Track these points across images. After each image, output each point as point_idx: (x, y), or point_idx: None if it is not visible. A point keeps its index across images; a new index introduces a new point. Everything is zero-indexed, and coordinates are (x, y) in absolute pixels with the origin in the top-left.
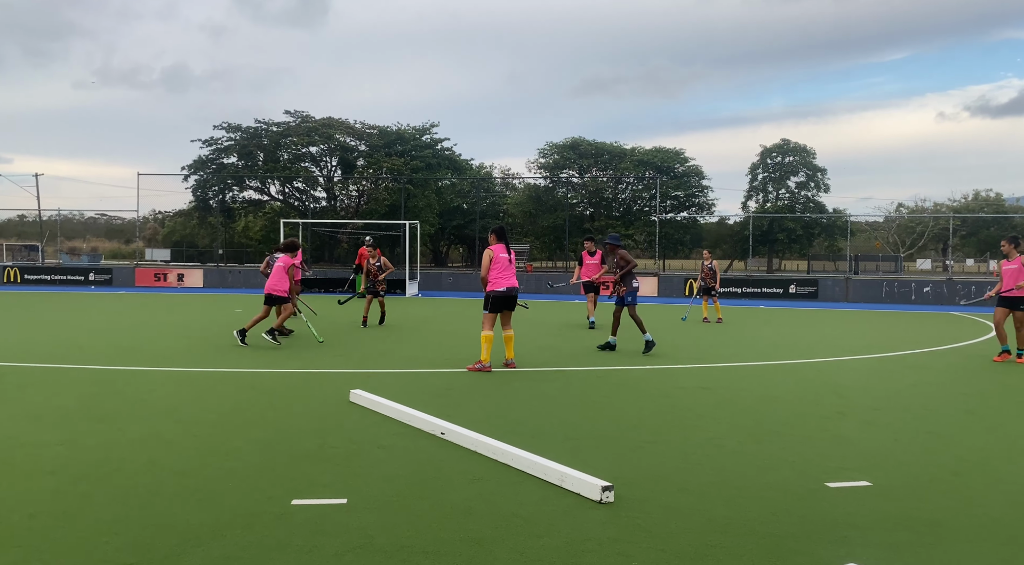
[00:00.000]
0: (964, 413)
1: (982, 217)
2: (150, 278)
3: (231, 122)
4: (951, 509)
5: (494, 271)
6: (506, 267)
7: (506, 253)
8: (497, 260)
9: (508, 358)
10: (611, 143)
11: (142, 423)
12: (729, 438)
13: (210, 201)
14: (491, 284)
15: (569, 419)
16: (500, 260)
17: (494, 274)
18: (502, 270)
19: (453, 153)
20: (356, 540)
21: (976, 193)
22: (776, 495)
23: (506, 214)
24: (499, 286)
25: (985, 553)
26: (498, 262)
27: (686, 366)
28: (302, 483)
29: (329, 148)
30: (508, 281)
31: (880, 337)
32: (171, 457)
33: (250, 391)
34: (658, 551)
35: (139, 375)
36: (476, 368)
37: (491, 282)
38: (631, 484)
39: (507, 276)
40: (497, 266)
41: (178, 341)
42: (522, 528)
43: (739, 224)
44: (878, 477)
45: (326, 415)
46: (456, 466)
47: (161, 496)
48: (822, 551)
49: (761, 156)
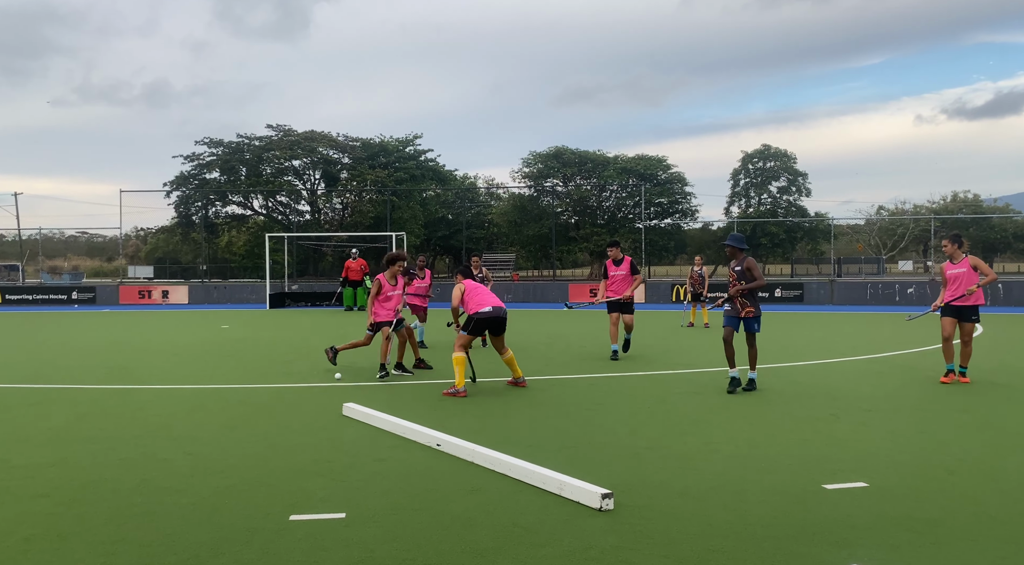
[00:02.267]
0: (956, 412)
1: (961, 218)
2: (134, 295)
3: (213, 137)
4: (948, 508)
5: (472, 296)
6: (484, 289)
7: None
8: (473, 286)
9: (517, 377)
10: (594, 151)
11: (134, 443)
12: (725, 442)
13: (193, 217)
14: (473, 307)
15: (565, 428)
16: (475, 286)
17: (473, 298)
18: (481, 292)
19: (437, 164)
20: (357, 554)
21: (955, 194)
22: (775, 498)
23: (491, 224)
24: (483, 306)
25: (985, 551)
26: (474, 287)
27: (678, 372)
28: (300, 498)
29: (312, 161)
30: (492, 301)
31: (867, 339)
32: (166, 476)
33: (241, 407)
34: (661, 557)
35: (129, 393)
36: (450, 393)
37: (472, 306)
38: (630, 491)
39: (487, 296)
40: (475, 290)
41: (167, 359)
42: (523, 538)
43: (722, 230)
44: (874, 478)
45: (320, 429)
46: (454, 477)
47: (157, 515)
48: (823, 553)
49: (742, 162)
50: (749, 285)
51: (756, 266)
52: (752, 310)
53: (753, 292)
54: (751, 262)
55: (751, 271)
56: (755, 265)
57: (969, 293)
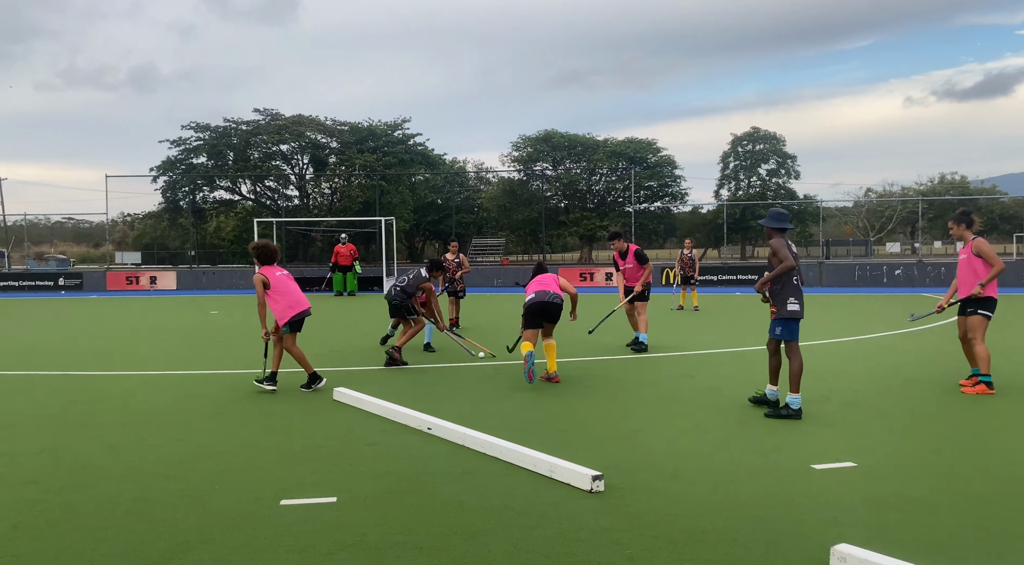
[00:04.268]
0: (942, 392)
1: (949, 200)
2: (122, 282)
3: (200, 122)
4: (935, 487)
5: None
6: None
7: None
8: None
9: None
10: (584, 135)
11: (123, 429)
12: (715, 424)
13: (180, 202)
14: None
15: (556, 411)
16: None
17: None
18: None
19: (426, 148)
20: (348, 538)
21: (942, 176)
22: (764, 479)
23: (481, 208)
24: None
25: (972, 529)
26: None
27: (668, 355)
28: (290, 483)
29: (300, 146)
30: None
31: (856, 320)
32: (155, 462)
33: (232, 393)
34: (651, 538)
35: (118, 380)
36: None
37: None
38: (621, 473)
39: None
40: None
41: (155, 344)
42: (515, 520)
43: (712, 212)
44: (863, 458)
45: (311, 414)
46: (445, 461)
47: (147, 501)
48: (812, 532)
49: (732, 144)
50: (764, 277)
51: (781, 247)
52: (775, 309)
53: (778, 284)
54: (774, 243)
55: (776, 254)
56: (780, 246)
57: (975, 294)
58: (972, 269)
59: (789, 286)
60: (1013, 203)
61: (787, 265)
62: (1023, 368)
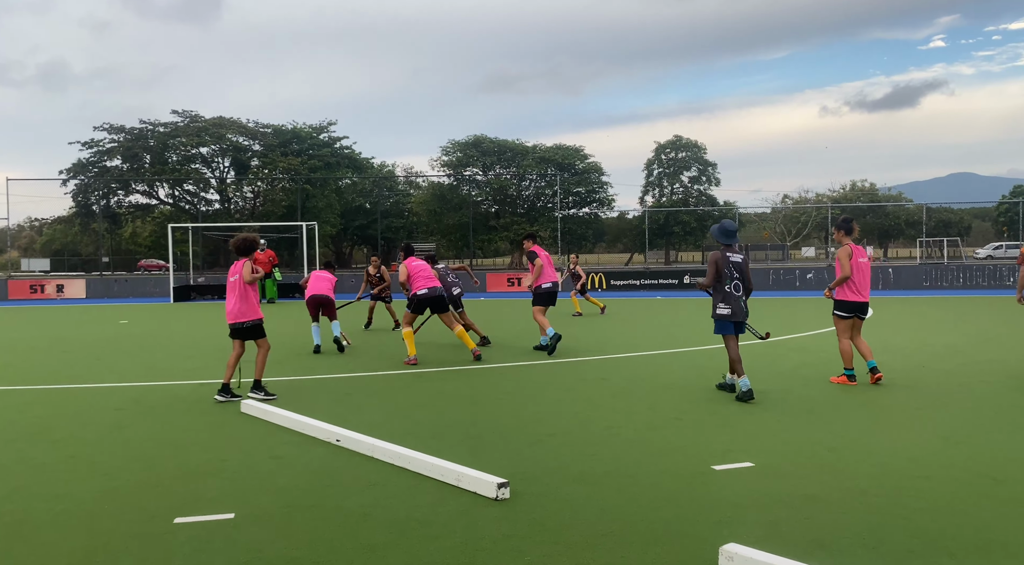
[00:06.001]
0: (840, 392)
1: (859, 206)
2: (25, 290)
3: (114, 123)
4: (826, 483)
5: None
6: (428, 272)
7: (420, 262)
8: (419, 267)
9: (471, 348)
10: (513, 141)
11: (9, 447)
12: (626, 427)
13: (93, 206)
14: (413, 288)
15: (469, 418)
16: (421, 267)
17: (418, 280)
18: (424, 275)
19: (353, 152)
20: (243, 556)
21: (853, 183)
22: (667, 480)
23: (410, 212)
24: (420, 288)
25: (854, 523)
26: (419, 268)
27: (586, 359)
28: (187, 500)
29: (221, 148)
30: (428, 283)
31: (766, 323)
32: (42, 481)
33: (134, 406)
34: (551, 544)
35: (9, 395)
36: (410, 362)
37: (413, 286)
38: (529, 479)
39: (426, 278)
40: (419, 272)
41: (56, 356)
42: (417, 531)
43: (637, 219)
44: (761, 457)
45: (217, 427)
46: (352, 473)
47: (29, 524)
48: (706, 532)
49: (656, 152)
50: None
51: (710, 263)
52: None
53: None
54: (709, 258)
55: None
56: (710, 261)
57: (826, 297)
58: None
59: (720, 292)
60: (917, 210)
61: (707, 280)
62: (918, 366)
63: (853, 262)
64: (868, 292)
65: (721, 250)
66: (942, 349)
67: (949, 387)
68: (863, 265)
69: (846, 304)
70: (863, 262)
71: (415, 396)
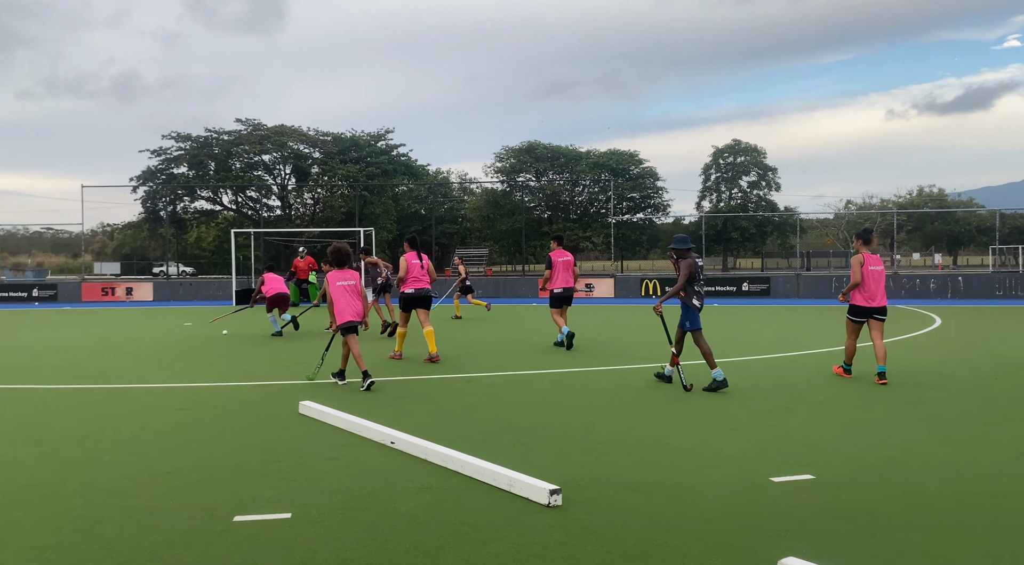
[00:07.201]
0: (904, 404)
1: (926, 212)
2: (97, 293)
3: (180, 132)
4: (888, 498)
5: (408, 278)
6: (418, 271)
7: (417, 259)
8: (410, 266)
9: (431, 353)
10: (567, 146)
11: (78, 444)
12: (678, 436)
13: (160, 212)
14: (404, 286)
15: (520, 423)
16: (412, 266)
17: (409, 280)
18: (414, 276)
19: (409, 159)
20: (298, 555)
21: (920, 189)
22: (721, 492)
23: (464, 219)
24: (408, 288)
25: (918, 540)
26: (411, 268)
27: (635, 366)
28: (245, 499)
29: (282, 156)
30: (417, 283)
31: (829, 332)
32: (107, 478)
33: (196, 406)
34: (604, 553)
35: (79, 393)
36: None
37: (404, 285)
38: (580, 486)
39: (414, 278)
40: (412, 272)
41: (122, 357)
42: (469, 535)
43: (694, 224)
44: (821, 470)
45: (274, 428)
46: (405, 475)
47: (95, 519)
48: (763, 546)
49: (713, 156)
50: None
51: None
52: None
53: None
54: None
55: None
56: (685, 266)
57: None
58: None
59: (691, 291)
60: (989, 216)
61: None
62: (990, 377)
63: (865, 270)
64: (883, 298)
65: (691, 256)
66: (1016, 362)
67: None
68: (876, 273)
69: (857, 309)
70: (876, 270)
71: (466, 400)
